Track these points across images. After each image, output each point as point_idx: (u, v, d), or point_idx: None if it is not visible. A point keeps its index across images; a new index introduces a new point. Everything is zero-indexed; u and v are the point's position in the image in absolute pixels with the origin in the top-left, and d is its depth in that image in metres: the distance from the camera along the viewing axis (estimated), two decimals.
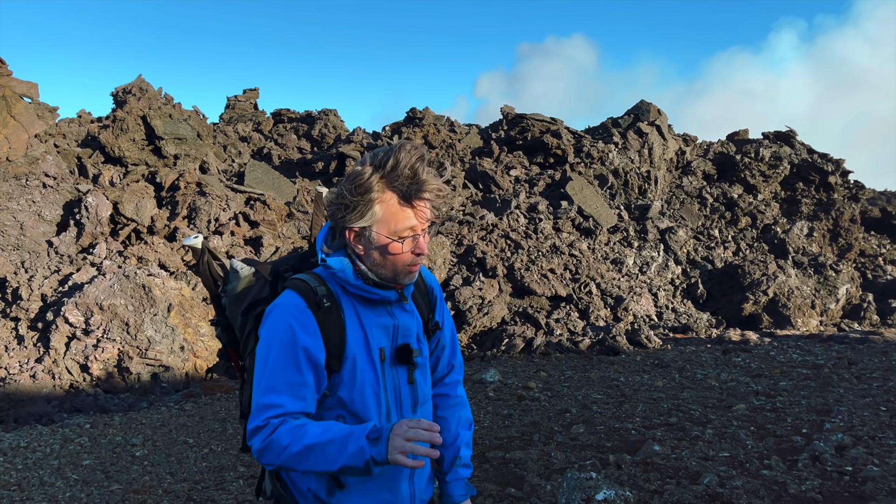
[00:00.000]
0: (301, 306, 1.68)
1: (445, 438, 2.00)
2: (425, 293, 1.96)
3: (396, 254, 1.71)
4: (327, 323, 1.69)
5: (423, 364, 1.88)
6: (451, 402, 2.05)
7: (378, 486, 1.76)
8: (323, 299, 1.70)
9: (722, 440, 5.48)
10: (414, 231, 1.70)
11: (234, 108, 21.98)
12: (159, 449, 6.69)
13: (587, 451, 5.54)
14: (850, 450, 4.88)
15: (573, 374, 9.02)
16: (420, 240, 1.72)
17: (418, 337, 1.87)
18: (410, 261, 1.73)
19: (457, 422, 2.04)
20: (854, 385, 7.13)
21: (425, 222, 1.72)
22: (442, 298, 2.05)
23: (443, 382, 2.06)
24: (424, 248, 1.73)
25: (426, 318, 1.93)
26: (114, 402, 9.11)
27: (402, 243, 1.70)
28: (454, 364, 2.08)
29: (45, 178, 12.01)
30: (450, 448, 2.00)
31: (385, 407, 1.77)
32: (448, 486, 1.98)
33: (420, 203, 1.69)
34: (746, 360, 9.16)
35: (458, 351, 2.12)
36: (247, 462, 6.13)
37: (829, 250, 17.02)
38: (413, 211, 1.69)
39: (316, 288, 1.71)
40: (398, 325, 1.81)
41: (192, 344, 10.24)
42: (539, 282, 13.04)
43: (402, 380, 1.80)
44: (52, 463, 6.30)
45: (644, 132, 17.94)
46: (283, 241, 13.08)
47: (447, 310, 2.09)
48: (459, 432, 2.02)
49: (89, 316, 9.77)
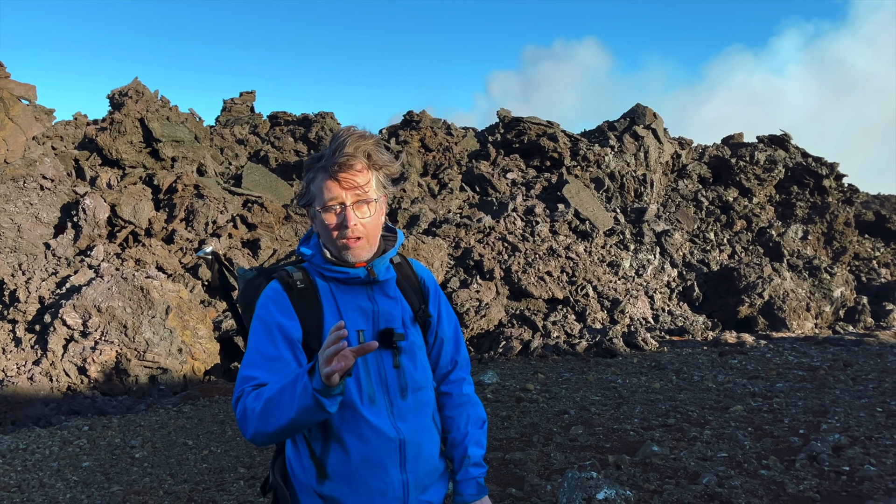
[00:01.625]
0: (277, 289, 1.80)
1: (454, 438, 2.00)
2: (416, 284, 1.99)
3: (329, 225, 1.77)
4: (302, 303, 1.78)
5: (410, 350, 1.88)
6: (457, 400, 2.04)
7: (364, 473, 1.77)
8: (297, 282, 1.80)
9: (720, 441, 5.53)
10: (338, 201, 1.76)
11: (231, 111, 21.96)
12: (159, 451, 6.69)
13: (586, 451, 5.58)
14: (846, 450, 4.93)
15: (570, 376, 9.06)
16: (347, 212, 1.76)
17: (404, 323, 1.89)
18: (340, 234, 1.77)
19: (465, 420, 2.01)
20: (850, 386, 7.19)
21: (352, 194, 1.76)
22: (438, 292, 2.06)
23: (447, 380, 2.05)
24: (350, 219, 1.75)
25: (416, 306, 1.95)
26: (112, 404, 9.10)
27: (326, 213, 1.77)
28: (457, 360, 2.07)
29: (42, 181, 11.99)
30: (458, 447, 1.99)
31: (367, 390, 1.78)
32: (459, 486, 1.98)
33: (344, 175, 1.75)
34: (743, 363, 9.23)
35: (463, 348, 2.10)
36: (247, 464, 6.14)
37: (823, 253, 17.13)
38: (337, 183, 1.75)
39: (293, 273, 1.83)
40: (378, 310, 1.84)
41: (190, 346, 10.24)
42: (536, 284, 13.08)
43: (387, 364, 1.82)
44: (52, 465, 6.30)
45: (640, 135, 18.02)
46: (280, 244, 13.09)
47: (448, 306, 2.09)
48: (468, 431, 2.00)
49: (87, 318, 9.76)
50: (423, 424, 1.89)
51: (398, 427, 1.81)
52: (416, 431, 1.85)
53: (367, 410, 1.77)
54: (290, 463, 1.86)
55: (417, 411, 1.87)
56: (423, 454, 1.87)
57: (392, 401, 1.81)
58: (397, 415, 1.82)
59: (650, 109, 18.61)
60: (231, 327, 10.77)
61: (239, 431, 7.30)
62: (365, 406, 1.77)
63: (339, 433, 1.76)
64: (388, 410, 1.81)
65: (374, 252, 1.86)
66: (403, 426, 1.82)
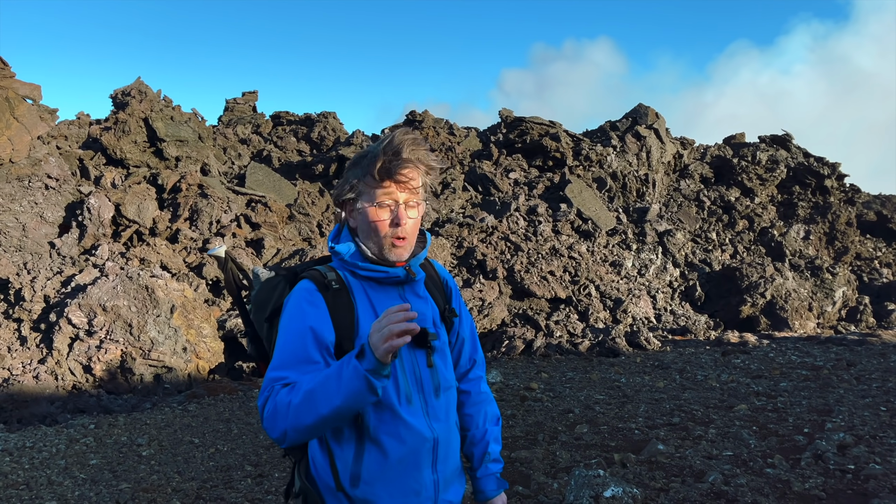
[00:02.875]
0: (311, 289, 1.77)
1: (473, 435, 2.05)
2: (439, 284, 2.02)
3: (377, 222, 1.78)
4: (337, 304, 1.76)
5: (442, 349, 1.91)
6: (476, 398, 2.09)
7: (400, 474, 1.77)
8: (332, 282, 1.78)
9: (725, 440, 5.56)
10: (392, 198, 1.78)
11: (233, 111, 22.01)
12: (165, 449, 6.72)
13: (592, 450, 5.61)
14: (851, 449, 4.96)
15: (574, 376, 9.08)
16: (399, 210, 1.78)
17: (434, 322, 1.91)
18: (390, 232, 1.78)
19: (483, 418, 2.07)
20: (854, 386, 7.22)
21: (406, 194, 1.79)
22: (457, 292, 2.09)
23: (467, 378, 2.09)
24: (403, 218, 1.78)
25: (442, 306, 1.97)
26: (117, 402, 9.13)
27: (380, 209, 1.78)
28: (476, 359, 2.12)
29: (47, 180, 12.03)
30: (478, 444, 2.04)
31: (405, 390, 1.78)
32: (480, 483, 2.02)
33: (403, 174, 1.77)
34: (746, 362, 9.25)
35: (479, 347, 2.16)
36: (254, 461, 6.17)
37: (825, 253, 17.15)
38: (393, 182, 1.77)
39: (326, 273, 1.81)
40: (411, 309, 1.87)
41: (195, 345, 10.27)
42: (539, 284, 13.11)
43: (421, 363, 1.83)
44: (59, 462, 6.33)
45: (642, 135, 18.05)
46: (284, 244, 13.13)
47: (464, 305, 2.13)
48: (487, 428, 2.05)
49: (92, 317, 9.79)
50: (452, 426, 1.92)
51: (433, 426, 1.83)
52: (448, 430, 1.89)
53: (404, 410, 1.77)
54: (314, 466, 1.83)
55: (449, 410, 1.91)
56: (451, 453, 1.91)
57: (427, 400, 1.83)
58: (432, 414, 1.84)
59: (652, 109, 18.63)
60: (236, 326, 10.81)
61: (244, 430, 7.33)
62: (403, 406, 1.77)
63: (377, 434, 1.75)
64: (423, 410, 1.82)
65: (411, 251, 1.89)
66: (437, 425, 1.84)
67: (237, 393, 9.32)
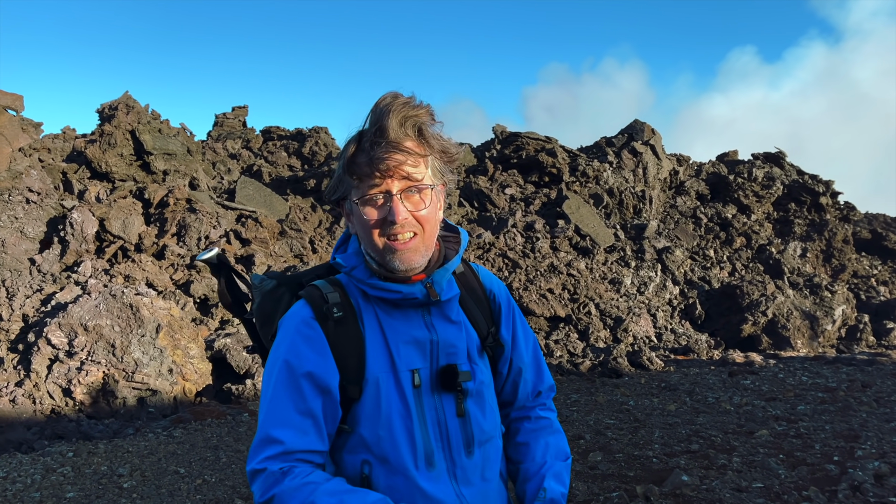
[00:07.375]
0: (307, 318, 1.40)
1: (527, 469, 1.59)
2: (483, 299, 1.58)
3: (369, 222, 1.38)
4: (340, 336, 1.38)
5: (479, 391, 1.47)
6: (534, 424, 1.64)
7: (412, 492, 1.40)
8: (333, 308, 1.39)
9: (752, 469, 5.22)
10: (381, 190, 1.36)
11: (223, 126, 21.66)
12: (148, 480, 6.27)
13: (610, 481, 5.25)
14: (889, 478, 4.64)
15: (579, 398, 8.73)
16: (394, 202, 1.35)
17: (470, 355, 1.48)
18: (384, 231, 1.38)
19: (543, 450, 1.60)
20: (875, 409, 6.92)
21: (397, 181, 1.36)
22: (513, 307, 1.64)
23: (524, 407, 1.67)
24: (398, 212, 1.35)
25: (485, 331, 1.54)
26: (98, 428, 8.64)
27: (369, 206, 1.37)
28: (541, 390, 1.67)
29: (28, 194, 11.57)
30: (531, 481, 1.55)
31: (424, 448, 1.39)
32: None
33: (388, 155, 1.33)
34: (756, 383, 8.95)
35: (547, 373, 1.70)
36: (244, 494, 5.74)
37: (822, 271, 17.00)
38: (380, 166, 1.34)
39: (327, 295, 1.42)
40: (437, 340, 1.43)
41: (181, 366, 9.80)
42: (538, 302, 12.79)
43: (448, 412, 1.42)
44: (34, 496, 5.86)
45: (638, 151, 17.91)
46: (275, 260, 12.72)
47: (525, 323, 1.67)
48: (546, 461, 1.58)
49: (73, 337, 9.32)
50: (491, 487, 1.50)
51: (462, 493, 1.42)
52: (484, 497, 1.47)
53: (422, 477, 1.38)
54: None
55: (486, 470, 1.49)
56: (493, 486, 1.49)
57: (455, 459, 1.42)
58: (461, 477, 1.43)
59: (648, 125, 18.54)
60: (224, 346, 10.36)
61: (233, 458, 6.88)
62: (420, 471, 1.38)
63: None
64: (449, 473, 1.42)
65: (429, 257, 1.45)
66: (468, 492, 1.43)
67: (225, 417, 8.86)
